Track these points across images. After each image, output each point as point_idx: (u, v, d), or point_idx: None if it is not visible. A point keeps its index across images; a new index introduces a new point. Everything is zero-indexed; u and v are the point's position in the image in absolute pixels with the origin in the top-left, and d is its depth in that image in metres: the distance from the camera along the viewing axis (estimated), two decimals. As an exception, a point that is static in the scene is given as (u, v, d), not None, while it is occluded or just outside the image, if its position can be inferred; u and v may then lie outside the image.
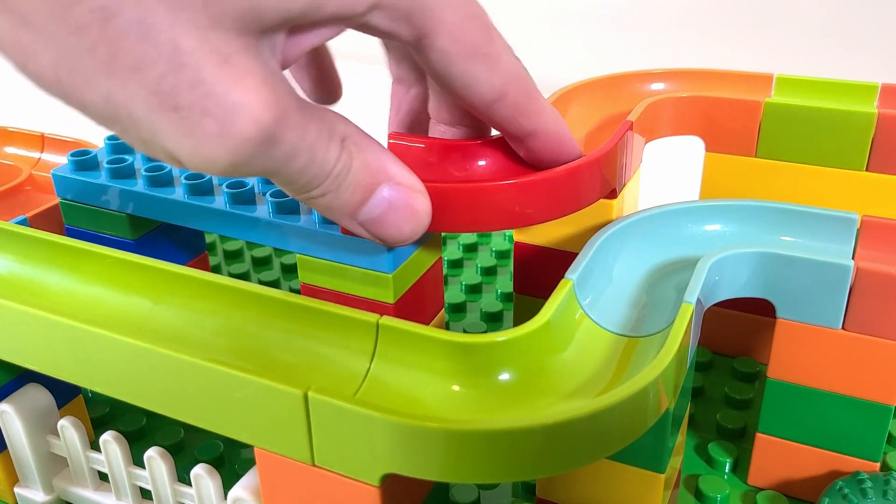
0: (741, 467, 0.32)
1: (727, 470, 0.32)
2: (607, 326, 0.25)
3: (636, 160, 0.32)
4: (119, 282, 0.27)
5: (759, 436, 0.30)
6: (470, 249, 0.48)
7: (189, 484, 0.27)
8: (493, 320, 0.43)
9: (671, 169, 0.52)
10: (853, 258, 0.26)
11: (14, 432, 0.29)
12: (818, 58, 0.78)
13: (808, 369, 0.28)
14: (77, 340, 0.25)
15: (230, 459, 0.33)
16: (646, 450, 0.25)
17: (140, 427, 0.34)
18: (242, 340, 0.24)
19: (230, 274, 0.45)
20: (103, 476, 0.30)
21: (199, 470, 0.27)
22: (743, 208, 0.28)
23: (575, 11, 0.93)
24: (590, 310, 0.25)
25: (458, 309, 0.43)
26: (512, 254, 0.43)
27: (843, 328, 0.26)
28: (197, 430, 0.29)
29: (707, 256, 0.26)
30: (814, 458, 0.29)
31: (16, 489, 0.31)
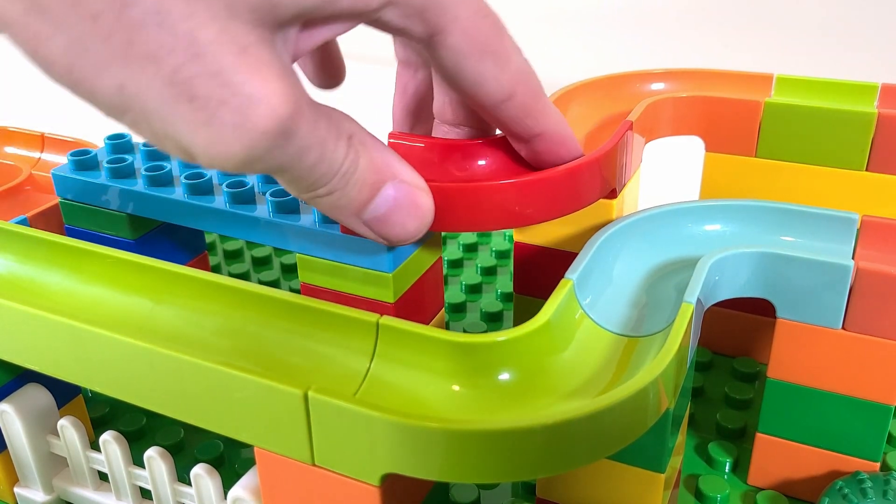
0: (741, 467, 0.32)
1: (727, 470, 0.32)
2: (607, 326, 0.25)
3: (636, 160, 0.32)
4: (119, 282, 0.27)
5: (759, 436, 0.30)
6: (470, 249, 0.48)
7: (189, 484, 0.27)
8: (493, 320, 0.42)
9: (671, 169, 0.52)
10: (853, 258, 0.26)
11: (14, 432, 0.29)
12: (818, 58, 0.78)
13: (808, 369, 0.28)
14: (77, 340, 0.25)
15: (230, 459, 0.33)
16: (646, 450, 0.25)
17: (140, 427, 0.34)
18: (242, 340, 0.24)
19: (230, 274, 0.45)
20: (103, 476, 0.30)
21: (199, 470, 0.27)
22: (743, 208, 0.28)
23: (575, 11, 0.93)
24: (590, 310, 0.25)
25: (458, 309, 0.43)
26: (512, 254, 0.43)
27: (843, 328, 0.26)
28: (197, 430, 0.29)
29: (707, 256, 0.26)
30: (814, 458, 0.29)
31: (16, 489, 0.31)
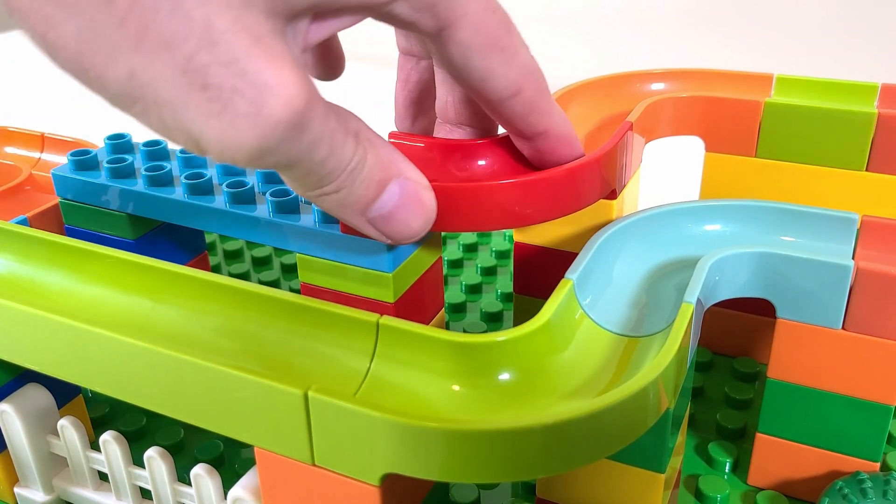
0: (741, 467, 0.32)
1: (727, 470, 0.32)
2: (607, 326, 0.25)
3: (636, 160, 0.32)
4: (119, 282, 0.27)
5: (759, 436, 0.30)
6: (470, 249, 0.48)
7: (189, 484, 0.27)
8: (493, 320, 0.42)
9: (671, 169, 0.52)
10: (853, 258, 0.26)
11: (14, 432, 0.29)
12: (818, 58, 0.78)
13: (808, 369, 0.28)
14: (77, 340, 0.25)
15: (230, 459, 0.33)
16: (646, 450, 0.25)
17: (140, 427, 0.34)
18: (242, 340, 0.24)
19: (230, 274, 0.45)
20: (103, 476, 0.30)
21: (199, 470, 0.27)
22: (743, 208, 0.28)
23: (575, 11, 0.93)
24: (590, 310, 0.25)
25: (458, 309, 0.43)
26: (512, 254, 0.43)
27: (843, 328, 0.26)
28: (197, 430, 0.29)
29: (707, 256, 0.26)
30: (814, 458, 0.29)
31: (16, 489, 0.31)
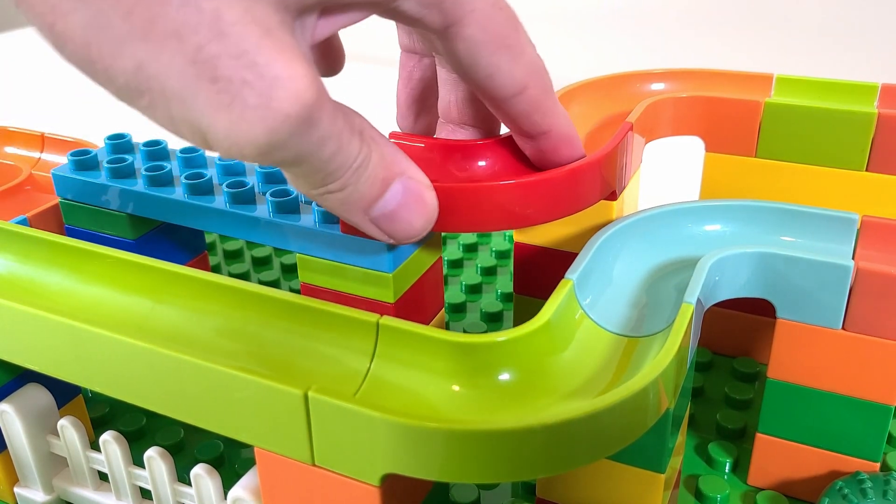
0: (741, 467, 0.32)
1: (727, 470, 0.32)
2: (607, 326, 0.25)
3: (636, 161, 0.32)
4: (119, 282, 0.27)
5: (759, 436, 0.30)
6: (470, 249, 0.48)
7: (189, 484, 0.27)
8: (493, 320, 0.42)
9: (671, 169, 0.52)
10: (853, 258, 0.26)
11: (14, 432, 0.29)
12: (818, 58, 0.78)
13: (808, 369, 0.28)
14: (77, 340, 0.25)
15: (230, 459, 0.33)
16: (646, 450, 0.25)
17: (140, 427, 0.34)
18: (242, 340, 0.24)
19: (230, 274, 0.45)
20: (103, 476, 0.30)
21: (199, 470, 0.27)
22: (743, 208, 0.28)
23: (575, 11, 0.93)
24: (590, 310, 0.25)
25: (458, 309, 0.43)
26: (512, 254, 0.43)
27: (843, 328, 0.26)
28: (197, 430, 0.29)
29: (707, 256, 0.26)
30: (814, 458, 0.29)
31: (16, 489, 0.31)
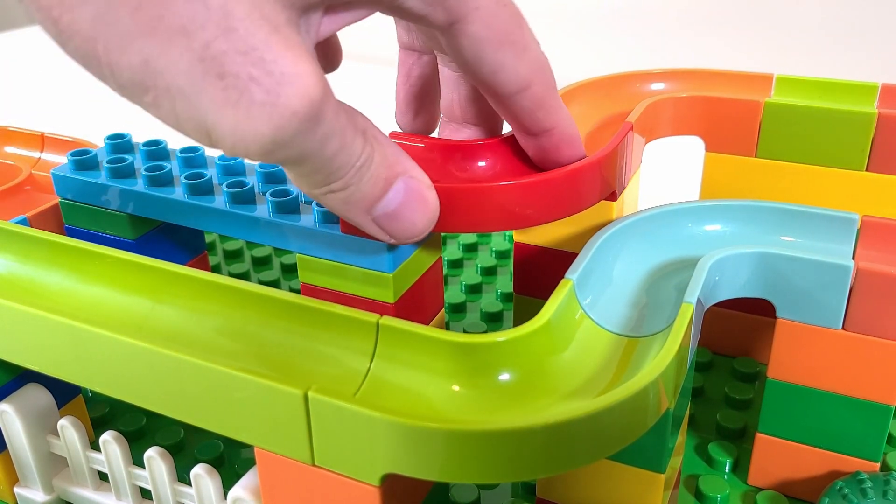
0: (741, 467, 0.32)
1: (727, 470, 0.32)
2: (607, 326, 0.25)
3: (636, 161, 0.32)
4: (119, 282, 0.27)
5: (759, 436, 0.30)
6: (470, 249, 0.48)
7: (189, 484, 0.27)
8: (493, 320, 0.42)
9: (671, 169, 0.52)
10: (853, 258, 0.26)
11: (14, 432, 0.29)
12: (818, 58, 0.78)
13: (808, 369, 0.28)
14: (77, 340, 0.25)
15: (230, 459, 0.33)
16: (646, 450, 0.25)
17: (140, 427, 0.34)
18: (242, 340, 0.24)
19: (230, 274, 0.45)
20: (103, 476, 0.30)
21: (199, 470, 0.27)
22: (743, 208, 0.28)
23: (575, 11, 0.93)
24: (590, 310, 0.25)
25: (458, 309, 0.43)
26: (512, 254, 0.43)
27: (843, 328, 0.26)
28: (197, 430, 0.29)
29: (707, 256, 0.26)
30: (814, 458, 0.29)
31: (16, 489, 0.31)
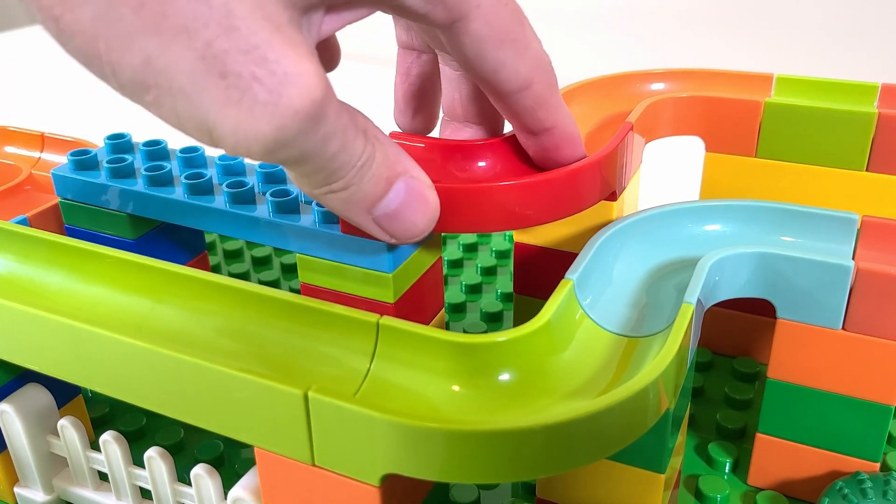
0: (741, 467, 0.32)
1: (727, 470, 0.32)
2: (607, 327, 0.24)
3: (636, 161, 0.32)
4: (119, 282, 0.27)
5: (759, 436, 0.30)
6: (470, 249, 0.48)
7: (189, 484, 0.27)
8: (493, 320, 0.42)
9: (671, 169, 0.52)
10: (853, 258, 0.26)
11: (14, 432, 0.29)
12: (818, 58, 0.78)
13: (808, 369, 0.28)
14: (77, 340, 0.25)
15: (230, 459, 0.33)
16: (646, 450, 0.25)
17: (140, 427, 0.34)
18: (242, 340, 0.24)
19: (230, 274, 0.45)
20: (103, 476, 0.30)
21: (199, 470, 0.27)
22: (743, 208, 0.28)
23: (575, 11, 0.93)
24: (590, 310, 0.25)
25: (458, 309, 0.43)
26: (512, 254, 0.43)
27: (843, 328, 0.26)
28: (197, 430, 0.29)
29: (707, 256, 0.26)
30: (814, 458, 0.29)
31: (16, 489, 0.31)
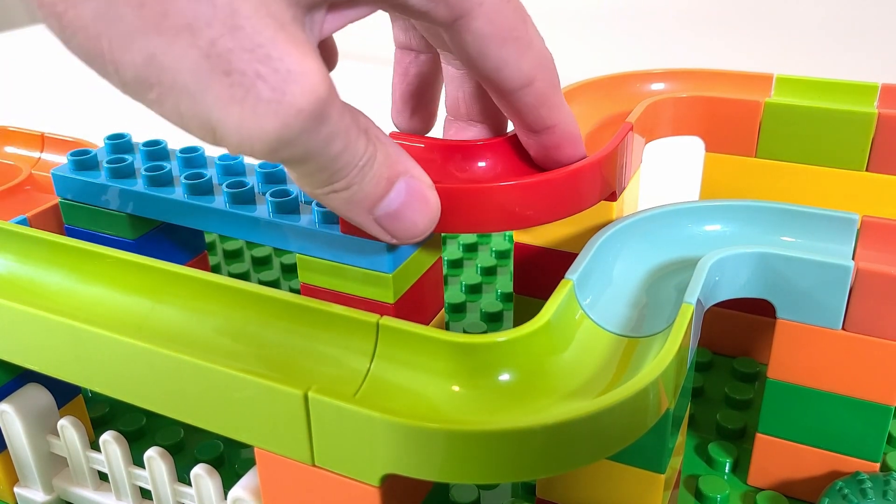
0: (741, 467, 0.32)
1: (727, 470, 0.32)
2: (607, 327, 0.24)
3: (636, 161, 0.32)
4: (119, 282, 0.27)
5: (759, 436, 0.30)
6: (470, 249, 0.48)
7: (189, 484, 0.27)
8: (493, 320, 0.42)
9: (671, 169, 0.52)
10: (853, 258, 0.26)
11: (14, 432, 0.29)
12: (818, 58, 0.78)
13: (808, 369, 0.28)
14: (77, 340, 0.25)
15: (230, 459, 0.33)
16: (646, 450, 0.25)
17: (140, 427, 0.34)
18: (242, 340, 0.24)
19: (230, 274, 0.45)
20: (103, 476, 0.30)
21: (199, 470, 0.27)
22: (743, 208, 0.28)
23: (575, 11, 0.93)
24: (590, 310, 0.25)
25: (458, 309, 0.43)
26: (512, 254, 0.43)
27: (843, 328, 0.26)
28: (197, 430, 0.29)
29: (707, 256, 0.26)
30: (814, 459, 0.29)
31: (16, 489, 0.31)
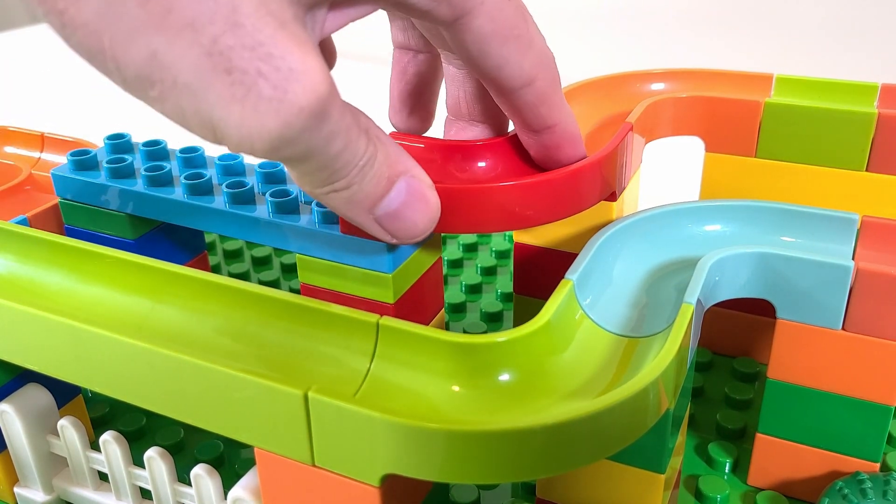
0: (741, 467, 0.32)
1: (727, 470, 0.32)
2: (607, 327, 0.25)
3: (636, 161, 0.32)
4: (119, 282, 0.27)
5: (759, 436, 0.30)
6: (470, 249, 0.48)
7: (189, 484, 0.27)
8: (493, 320, 0.42)
9: (671, 169, 0.52)
10: (853, 258, 0.26)
11: (14, 432, 0.29)
12: (818, 58, 0.78)
13: (808, 369, 0.28)
14: (77, 340, 0.25)
15: (230, 459, 0.33)
16: (646, 450, 0.25)
17: (140, 427, 0.34)
18: (242, 341, 0.24)
19: (230, 274, 0.45)
20: (103, 476, 0.30)
21: (199, 470, 0.27)
22: (743, 208, 0.28)
23: (575, 11, 0.93)
24: (590, 310, 0.25)
25: (458, 309, 0.43)
26: (512, 254, 0.43)
27: (843, 328, 0.26)
28: (197, 430, 0.29)
29: (707, 256, 0.26)
30: (814, 459, 0.29)
31: (16, 489, 0.31)
